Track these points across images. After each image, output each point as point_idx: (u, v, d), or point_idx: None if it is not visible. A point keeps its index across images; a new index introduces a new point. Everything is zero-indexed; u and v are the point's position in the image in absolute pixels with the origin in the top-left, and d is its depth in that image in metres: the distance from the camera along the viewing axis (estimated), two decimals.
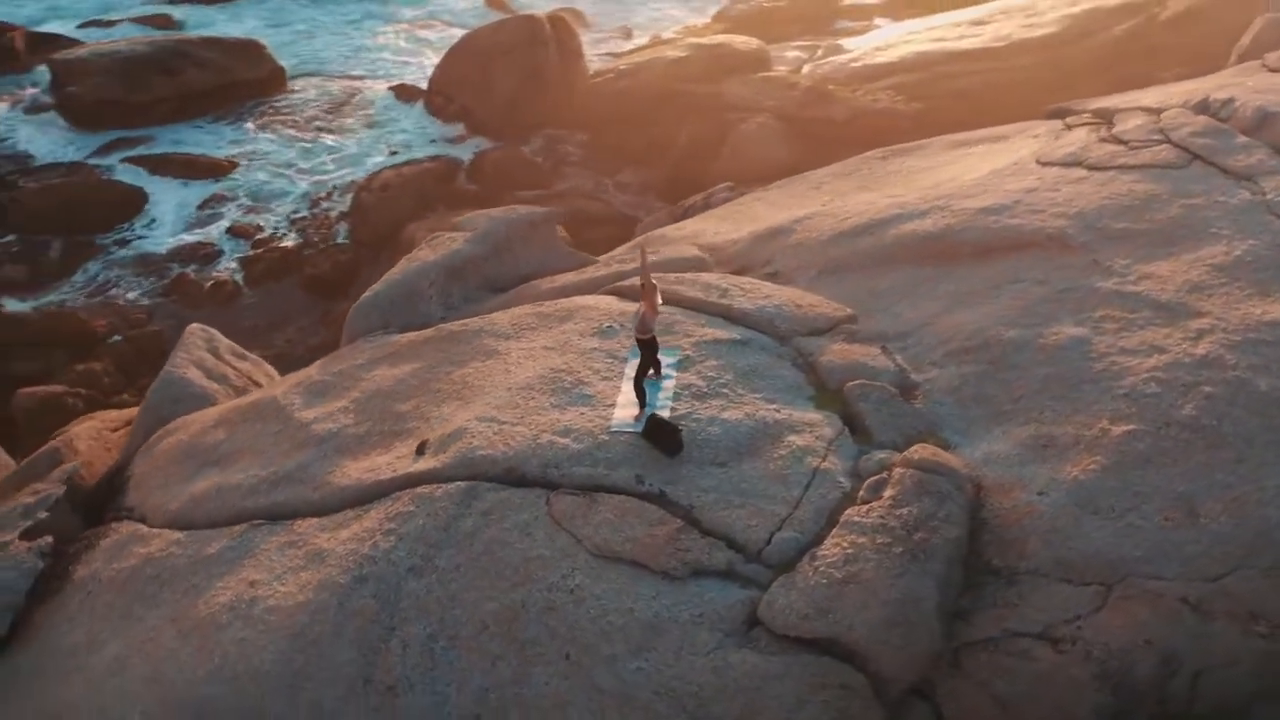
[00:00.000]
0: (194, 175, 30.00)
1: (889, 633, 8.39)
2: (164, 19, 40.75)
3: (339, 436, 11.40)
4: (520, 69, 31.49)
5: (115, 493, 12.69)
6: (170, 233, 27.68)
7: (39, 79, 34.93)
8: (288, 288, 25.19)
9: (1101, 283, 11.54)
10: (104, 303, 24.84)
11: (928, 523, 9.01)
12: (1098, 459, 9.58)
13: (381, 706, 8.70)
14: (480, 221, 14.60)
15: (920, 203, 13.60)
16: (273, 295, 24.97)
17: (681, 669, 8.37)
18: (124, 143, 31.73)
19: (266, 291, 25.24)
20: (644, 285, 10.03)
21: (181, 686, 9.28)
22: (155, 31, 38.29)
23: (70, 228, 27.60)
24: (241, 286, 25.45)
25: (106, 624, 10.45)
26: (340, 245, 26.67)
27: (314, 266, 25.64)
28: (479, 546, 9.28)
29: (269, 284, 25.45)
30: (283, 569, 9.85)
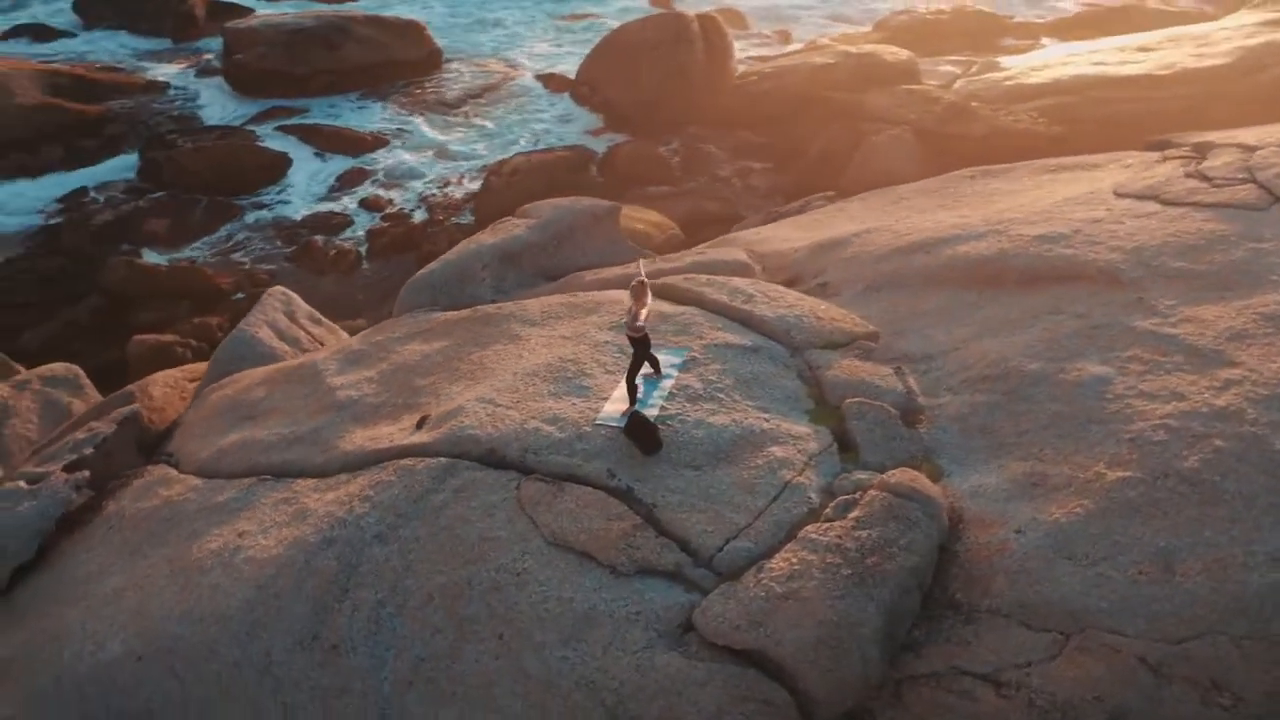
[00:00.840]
0: (339, 148, 31.36)
1: (818, 653, 8.30)
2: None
3: (357, 404, 11.86)
4: (665, 65, 31.81)
5: (163, 438, 13.48)
6: (307, 200, 29.00)
7: (214, 46, 37.03)
8: (406, 263, 26.06)
9: (1140, 322, 11.06)
10: (234, 261, 26.22)
11: (886, 548, 8.86)
12: (1085, 503, 9.23)
13: (324, 663, 9.06)
14: (545, 210, 14.90)
15: (981, 225, 13.28)
16: (390, 268, 25.91)
17: (606, 663, 8.46)
18: (280, 111, 33.43)
19: (386, 264, 26.20)
20: (634, 285, 10.14)
21: (158, 621, 9.84)
22: (324, 5, 40.09)
23: (217, 188, 29.22)
24: (363, 257, 26.49)
25: (117, 558, 11.13)
26: (462, 226, 27.47)
27: (433, 244, 26.47)
28: (443, 521, 9.57)
29: (389, 257, 26.40)
30: (270, 523, 10.34)
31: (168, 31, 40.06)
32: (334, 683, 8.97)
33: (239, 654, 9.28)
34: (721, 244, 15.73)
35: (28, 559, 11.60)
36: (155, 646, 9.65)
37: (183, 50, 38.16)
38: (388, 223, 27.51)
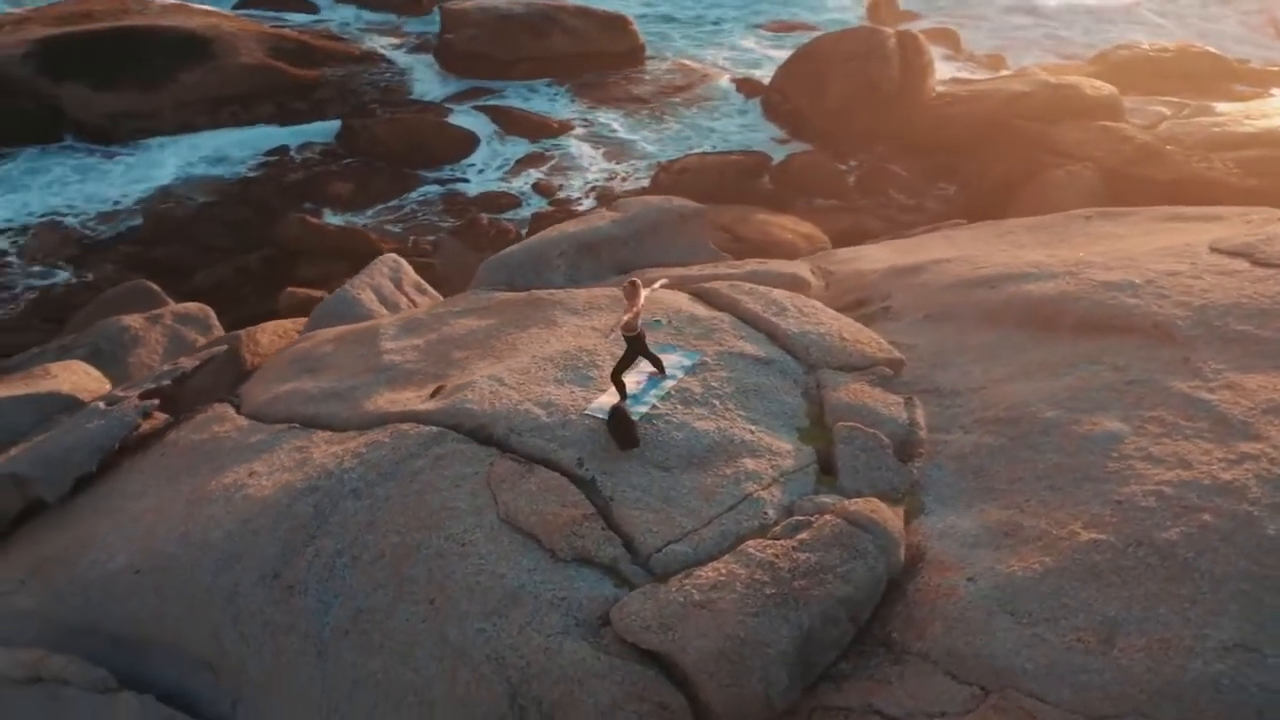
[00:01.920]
0: (525, 132, 32.48)
1: (718, 666, 8.30)
2: None
3: (396, 369, 12.45)
4: (855, 79, 31.52)
5: (241, 380, 14.46)
6: (484, 179, 30.20)
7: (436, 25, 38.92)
8: None
9: (1178, 382, 10.46)
10: (402, 230, 27.57)
11: (819, 574, 8.75)
12: (1046, 559, 8.86)
13: (279, 601, 9.64)
14: (633, 205, 15.17)
15: (1058, 266, 12.78)
16: None
17: (518, 642, 8.70)
18: (479, 92, 34.88)
19: None
20: (625, 286, 10.29)
21: (160, 542, 10.67)
22: None
23: (405, 159, 30.78)
24: (522, 238, 27.37)
25: (155, 482, 12.07)
26: None
27: None
28: (415, 486, 10.01)
29: None
30: (278, 467, 11.02)
31: (396, 7, 42.31)
32: (284, 620, 9.52)
33: (211, 580, 9.96)
34: (816, 259, 15.62)
35: (89, 471, 12.62)
36: (151, 564, 10.45)
37: (407, 26, 40.24)
38: (553, 208, 28.36)
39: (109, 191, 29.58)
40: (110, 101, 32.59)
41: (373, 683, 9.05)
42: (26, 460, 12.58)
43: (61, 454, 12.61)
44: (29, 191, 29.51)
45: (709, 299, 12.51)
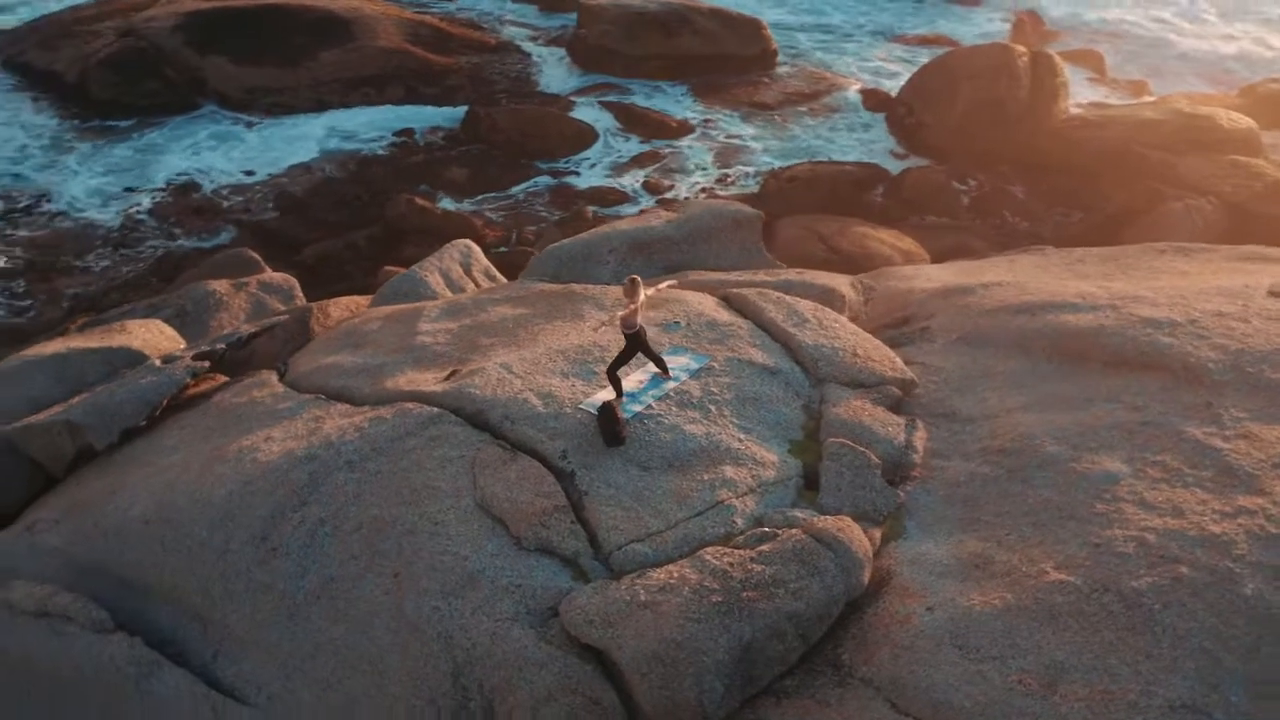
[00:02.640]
0: (644, 129, 32.67)
1: (651, 667, 8.36)
2: None
3: (425, 350, 12.76)
4: (981, 97, 30.77)
5: (294, 350, 15.01)
6: (597, 173, 30.51)
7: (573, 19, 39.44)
8: None
9: (1193, 428, 10.05)
10: (508, 219, 28.07)
11: (770, 587, 8.71)
12: (1008, 596, 8.66)
13: (263, 562, 10.04)
14: (692, 208, 15.23)
15: (1105, 298, 12.38)
16: None
17: (468, 623, 8.91)
18: (605, 87, 35.24)
19: None
20: (625, 283, 10.34)
21: (173, 495, 11.19)
22: None
23: (523, 149, 31.32)
24: None
25: (190, 439, 12.64)
26: None
27: None
28: (404, 463, 10.29)
29: None
30: (291, 434, 11.44)
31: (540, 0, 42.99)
32: (264, 580, 9.92)
33: (207, 536, 10.41)
34: (877, 275, 15.43)
35: (136, 424, 13.25)
36: (160, 516, 10.97)
37: (546, 19, 40.91)
38: (660, 206, 28.46)
39: (240, 162, 30.83)
40: (251, 76, 33.96)
41: (333, 648, 9.36)
42: (81, 409, 13.27)
43: (113, 406, 13.27)
44: (170, 156, 30.99)
45: (736, 305, 12.50)
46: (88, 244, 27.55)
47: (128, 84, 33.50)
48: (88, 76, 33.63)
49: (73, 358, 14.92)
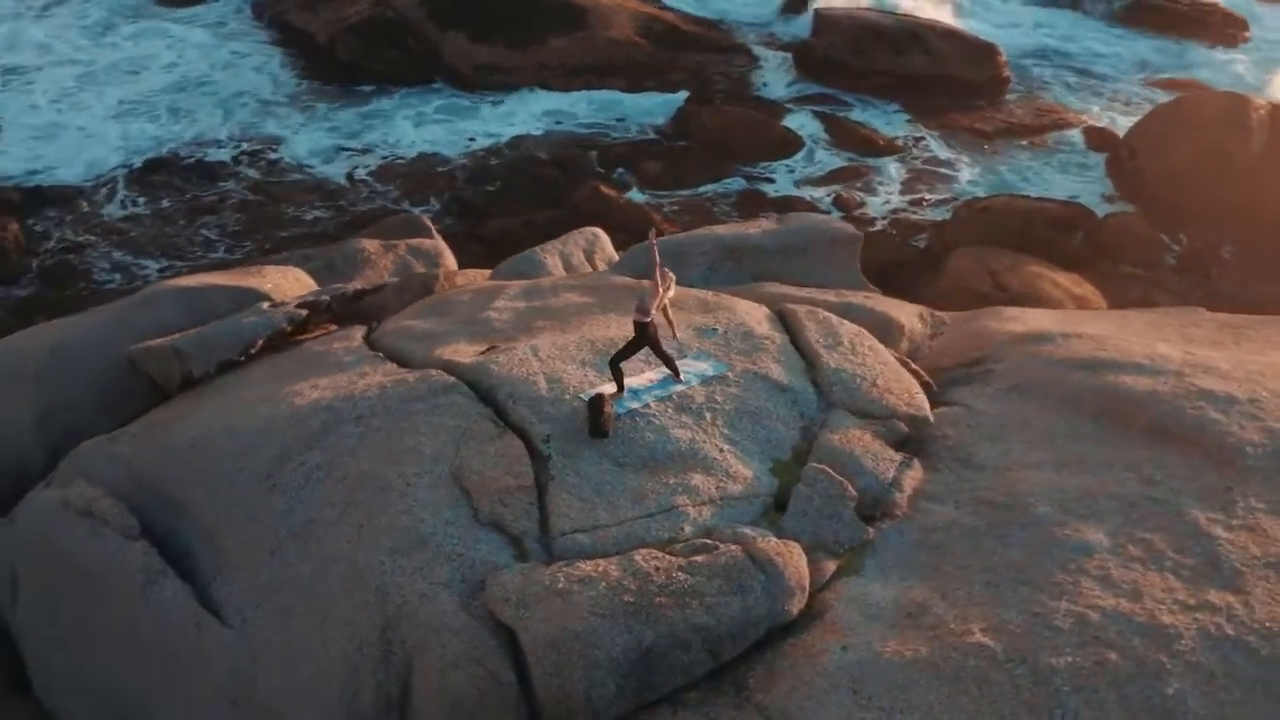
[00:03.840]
0: (850, 144, 32.32)
1: (547, 653, 8.58)
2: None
3: (485, 325, 13.22)
4: (1207, 147, 28.79)
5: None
6: (791, 183, 30.47)
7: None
8: None
9: (1199, 511, 9.39)
10: (690, 216, 28.36)
11: (685, 597, 8.76)
12: (923, 651, 8.39)
13: (261, 496, 10.79)
14: (791, 220, 15.13)
15: (1174, 363, 11.62)
16: None
17: (403, 582, 9.35)
18: (822, 98, 35.04)
19: None
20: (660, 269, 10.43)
21: (217, 424, 12.08)
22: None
23: (725, 151, 31.62)
24: None
25: (268, 379, 13.50)
26: (908, 246, 27.40)
27: (873, 252, 26.68)
28: (403, 424, 10.81)
29: None
30: (331, 385, 12.13)
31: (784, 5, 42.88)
32: (258, 514, 10.66)
33: (226, 465, 11.24)
34: (979, 313, 14.93)
35: (233, 358, 14.23)
36: (202, 441, 11.90)
37: (783, 25, 40.89)
38: (845, 223, 28.12)
39: (459, 135, 32.37)
40: (482, 54, 35.53)
41: (297, 585, 9.98)
42: (187, 338, 14.41)
43: (214, 339, 14.36)
44: (397, 123, 32.89)
45: (783, 319, 12.40)
46: (305, 195, 29.60)
47: (371, 50, 35.69)
48: (337, 40, 35.99)
49: (205, 291, 16.13)
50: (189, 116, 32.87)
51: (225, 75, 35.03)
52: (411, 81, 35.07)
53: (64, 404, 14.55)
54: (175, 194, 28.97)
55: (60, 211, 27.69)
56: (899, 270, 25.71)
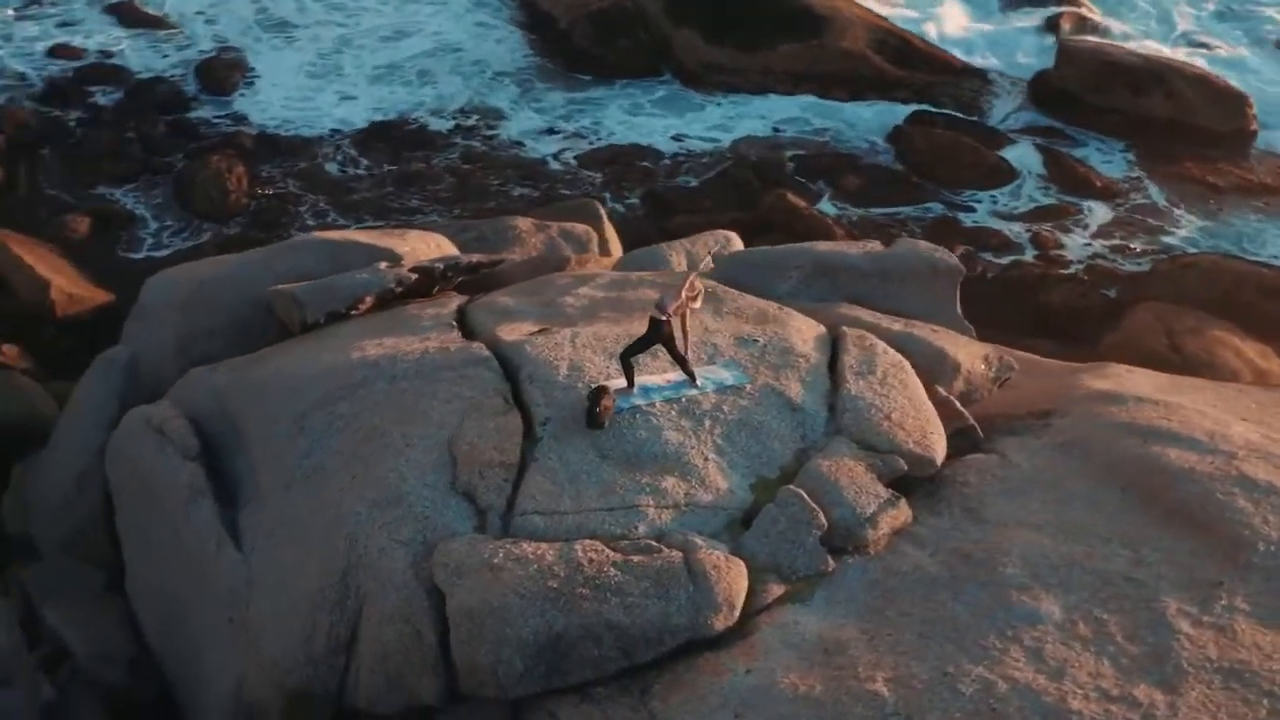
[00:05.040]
0: (1066, 182, 30.71)
1: (462, 622, 8.98)
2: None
3: (557, 309, 13.51)
4: None
5: None
6: (991, 213, 29.35)
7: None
8: (1014, 299, 25.57)
9: (1175, 602, 8.79)
10: (876, 236, 27.76)
11: (604, 593, 8.95)
12: (817, 688, 8.31)
13: (293, 435, 11.62)
14: (900, 244, 14.74)
15: (1232, 443, 10.77)
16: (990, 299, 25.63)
17: (371, 533, 9.95)
18: (1048, 131, 33.40)
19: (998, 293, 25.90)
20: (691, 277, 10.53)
21: (290, 368, 12.88)
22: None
23: (928, 172, 30.79)
24: (985, 279, 26.47)
25: (361, 332, 14.01)
26: (1096, 294, 25.96)
27: (1054, 295, 25.51)
28: (422, 388, 11.33)
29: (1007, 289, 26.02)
30: (391, 345, 12.71)
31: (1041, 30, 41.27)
32: (284, 452, 11.51)
33: (274, 403, 12.13)
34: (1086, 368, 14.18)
35: (340, 310, 15.05)
36: (271, 380, 12.87)
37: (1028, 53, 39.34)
38: (1037, 262, 26.93)
39: (672, 131, 32.77)
40: (712, 53, 35.77)
41: (294, 523, 10.72)
42: (306, 288, 15.37)
43: (328, 290, 15.27)
44: (610, 113, 33.62)
45: (834, 341, 12.18)
46: (513, 171, 30.65)
47: (604, 39, 36.52)
48: (575, 26, 37.01)
49: (345, 246, 17.14)
50: (432, 83, 34.42)
51: (472, 45, 36.47)
52: (636, 73, 35.68)
53: (203, 333, 15.78)
54: (393, 158, 30.47)
55: (287, 162, 29.63)
56: (1077, 318, 24.50)
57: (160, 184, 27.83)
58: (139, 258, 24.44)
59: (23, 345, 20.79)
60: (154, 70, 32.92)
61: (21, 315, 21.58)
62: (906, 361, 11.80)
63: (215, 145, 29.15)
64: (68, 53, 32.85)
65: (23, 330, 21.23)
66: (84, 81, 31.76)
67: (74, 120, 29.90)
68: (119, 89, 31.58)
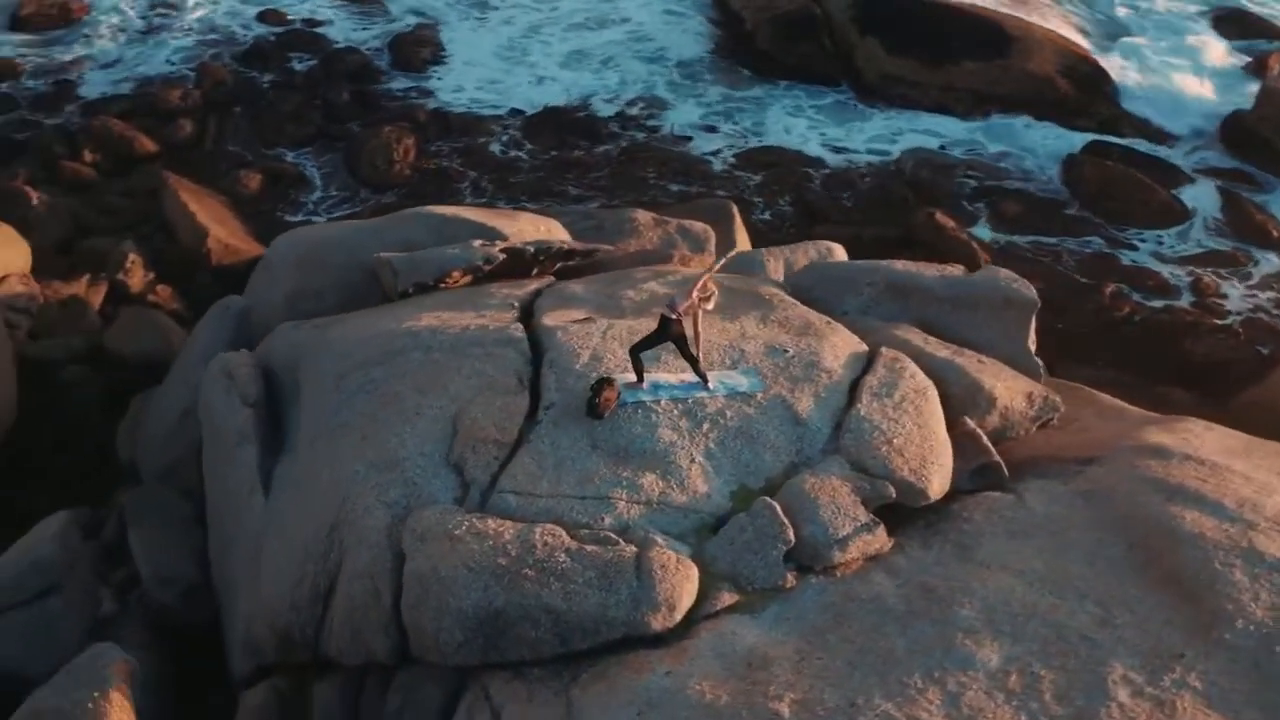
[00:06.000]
0: (1243, 229, 28.75)
1: (412, 586, 9.36)
2: None
3: (614, 301, 13.61)
4: None
5: None
6: (1154, 254, 27.91)
7: None
8: (1157, 344, 24.34)
9: (1124, 669, 8.41)
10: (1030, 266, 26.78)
11: (550, 577, 9.13)
12: (723, 699, 8.32)
13: (328, 394, 12.11)
14: (982, 271, 14.25)
15: (1262, 513, 10.08)
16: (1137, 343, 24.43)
17: (362, 492, 10.46)
18: (1235, 174, 31.51)
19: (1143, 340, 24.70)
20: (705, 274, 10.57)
21: (352, 332, 13.41)
22: None
23: (1092, 204, 29.48)
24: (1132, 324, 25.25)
25: (438, 304, 14.56)
26: (1249, 349, 24.39)
27: (1202, 345, 24.17)
28: (449, 362, 11.74)
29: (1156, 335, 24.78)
30: (444, 317, 13.08)
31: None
32: (319, 408, 12.13)
33: (325, 364, 12.70)
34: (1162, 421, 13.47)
35: (427, 282, 15.58)
36: (334, 340, 13.31)
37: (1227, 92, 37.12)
38: (1193, 309, 25.46)
39: (836, 139, 32.32)
40: (894, 64, 35.05)
41: (311, 475, 11.33)
42: (402, 258, 15.92)
43: (421, 262, 15.82)
44: (778, 116, 33.42)
45: (874, 360, 11.94)
46: (672, 166, 30.76)
47: (786, 43, 36.30)
48: (759, 27, 36.93)
49: (454, 221, 17.69)
50: (613, 70, 34.84)
51: (662, 36, 36.64)
52: (812, 80, 35.35)
53: (311, 292, 16.51)
54: (557, 143, 31.00)
55: (456, 139, 30.55)
56: (1221, 371, 23.14)
57: (334, 150, 29.16)
58: (297, 219, 25.64)
59: (175, 288, 22.24)
60: (352, 41, 34.39)
61: (180, 260, 23.08)
62: (932, 388, 11.46)
63: (391, 117, 30.28)
64: (275, 18, 34.64)
65: (178, 274, 22.68)
66: (285, 47, 33.47)
67: (267, 82, 31.56)
68: (315, 56, 33.13)
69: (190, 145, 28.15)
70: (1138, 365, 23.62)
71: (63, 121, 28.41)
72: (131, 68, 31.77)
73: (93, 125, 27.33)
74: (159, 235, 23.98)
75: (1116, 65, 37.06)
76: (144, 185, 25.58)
